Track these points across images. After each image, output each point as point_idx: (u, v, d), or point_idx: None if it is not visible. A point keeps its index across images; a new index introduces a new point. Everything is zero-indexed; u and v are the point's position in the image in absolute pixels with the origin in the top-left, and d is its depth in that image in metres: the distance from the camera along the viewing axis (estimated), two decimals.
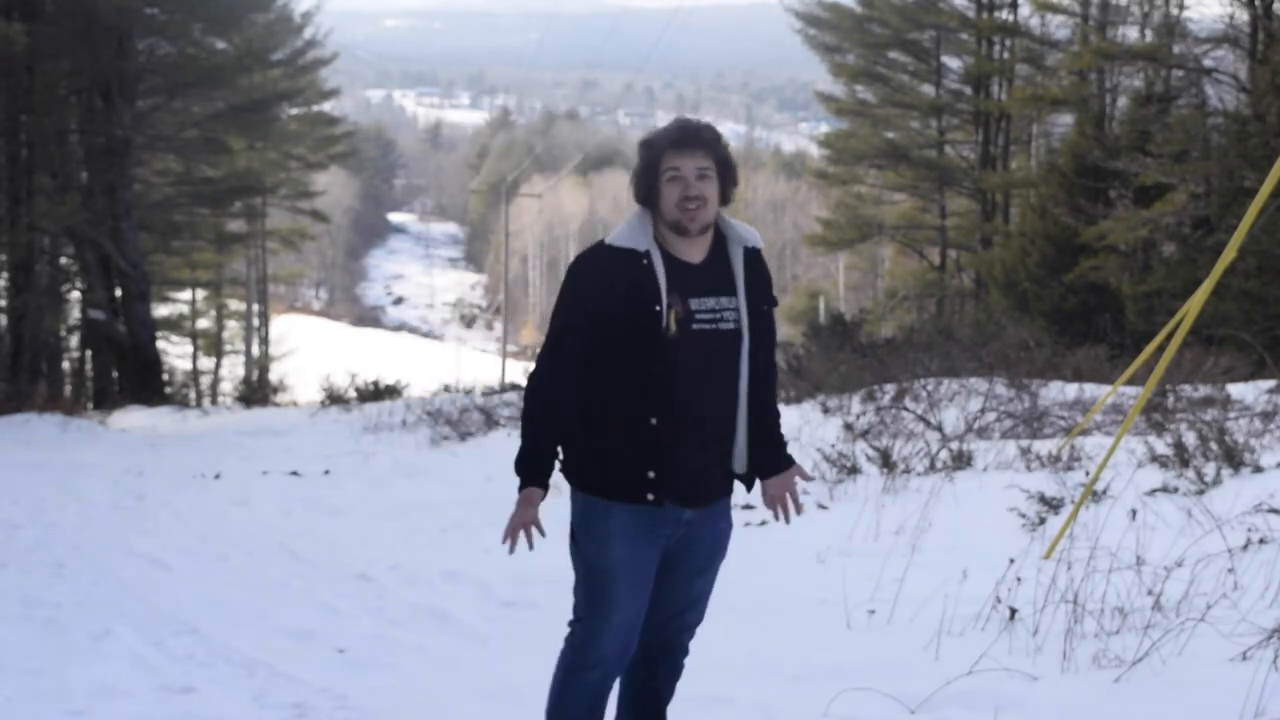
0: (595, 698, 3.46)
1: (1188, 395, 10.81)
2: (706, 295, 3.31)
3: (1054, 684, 4.13)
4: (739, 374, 3.34)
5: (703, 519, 3.43)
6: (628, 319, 3.25)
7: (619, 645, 3.40)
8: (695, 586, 3.52)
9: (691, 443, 3.32)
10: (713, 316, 3.31)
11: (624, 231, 3.33)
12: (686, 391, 3.28)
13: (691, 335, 3.27)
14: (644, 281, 3.26)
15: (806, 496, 7.83)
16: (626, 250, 3.30)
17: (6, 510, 9.31)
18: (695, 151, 3.30)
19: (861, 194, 38.55)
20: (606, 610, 3.36)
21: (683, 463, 3.32)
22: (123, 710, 4.65)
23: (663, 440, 3.29)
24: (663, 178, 3.30)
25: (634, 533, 3.33)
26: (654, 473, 3.30)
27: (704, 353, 3.29)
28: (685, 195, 3.27)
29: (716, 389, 3.33)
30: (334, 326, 79.25)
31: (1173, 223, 23.15)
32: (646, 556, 3.36)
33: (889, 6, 34.69)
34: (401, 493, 10.07)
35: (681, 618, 3.55)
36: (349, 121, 53.85)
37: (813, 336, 23.52)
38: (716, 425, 3.36)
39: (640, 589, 3.38)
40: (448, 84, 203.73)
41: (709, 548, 3.49)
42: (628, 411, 3.29)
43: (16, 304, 22.07)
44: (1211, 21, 26.64)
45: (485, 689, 4.81)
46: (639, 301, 3.25)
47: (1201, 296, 5.68)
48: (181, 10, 26.57)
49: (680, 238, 3.33)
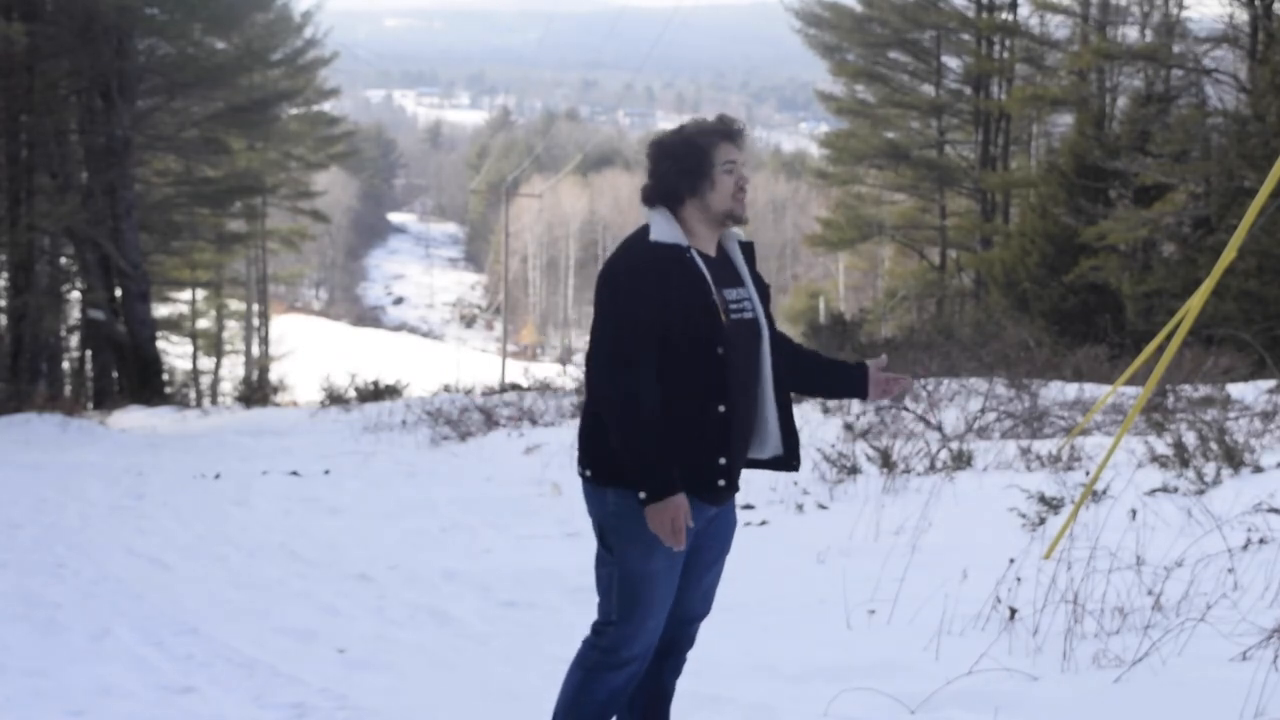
0: (613, 698, 3.45)
1: (1188, 395, 10.81)
2: (728, 286, 3.44)
3: (1054, 684, 4.13)
4: (764, 359, 3.46)
5: (721, 512, 3.50)
6: (687, 311, 3.30)
7: (649, 646, 3.44)
8: (706, 580, 3.59)
9: (746, 429, 3.42)
10: (739, 306, 3.43)
11: (663, 228, 3.38)
12: (739, 378, 3.38)
13: (733, 323, 3.38)
14: (694, 274, 3.35)
15: (807, 497, 7.84)
16: (671, 245, 3.36)
17: (6, 510, 9.31)
18: (742, 146, 3.46)
19: (861, 194, 38.57)
20: (644, 614, 3.37)
21: (741, 450, 3.43)
22: (123, 710, 4.65)
23: (730, 427, 3.36)
24: (718, 169, 3.40)
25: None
26: (724, 459, 3.35)
27: (744, 341, 3.41)
28: (739, 186, 3.42)
29: (752, 376, 3.43)
30: (334, 326, 79.26)
31: (1173, 223, 23.16)
32: (679, 556, 3.40)
33: (889, 6, 34.70)
34: (401, 493, 10.06)
35: (693, 611, 3.60)
36: (349, 121, 53.94)
37: (813, 336, 23.54)
38: (755, 413, 3.46)
39: (674, 589, 3.44)
40: (448, 84, 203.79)
41: (721, 541, 3.56)
42: (696, 401, 3.32)
43: (16, 304, 22.07)
44: (1211, 21, 26.66)
45: (485, 689, 4.81)
46: (696, 294, 3.32)
47: (1201, 296, 5.68)
48: (181, 10, 26.56)
49: (704, 231, 3.43)
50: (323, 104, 43.64)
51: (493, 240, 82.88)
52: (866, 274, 51.17)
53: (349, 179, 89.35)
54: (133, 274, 24.90)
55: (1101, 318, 20.70)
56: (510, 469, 10.73)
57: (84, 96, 24.81)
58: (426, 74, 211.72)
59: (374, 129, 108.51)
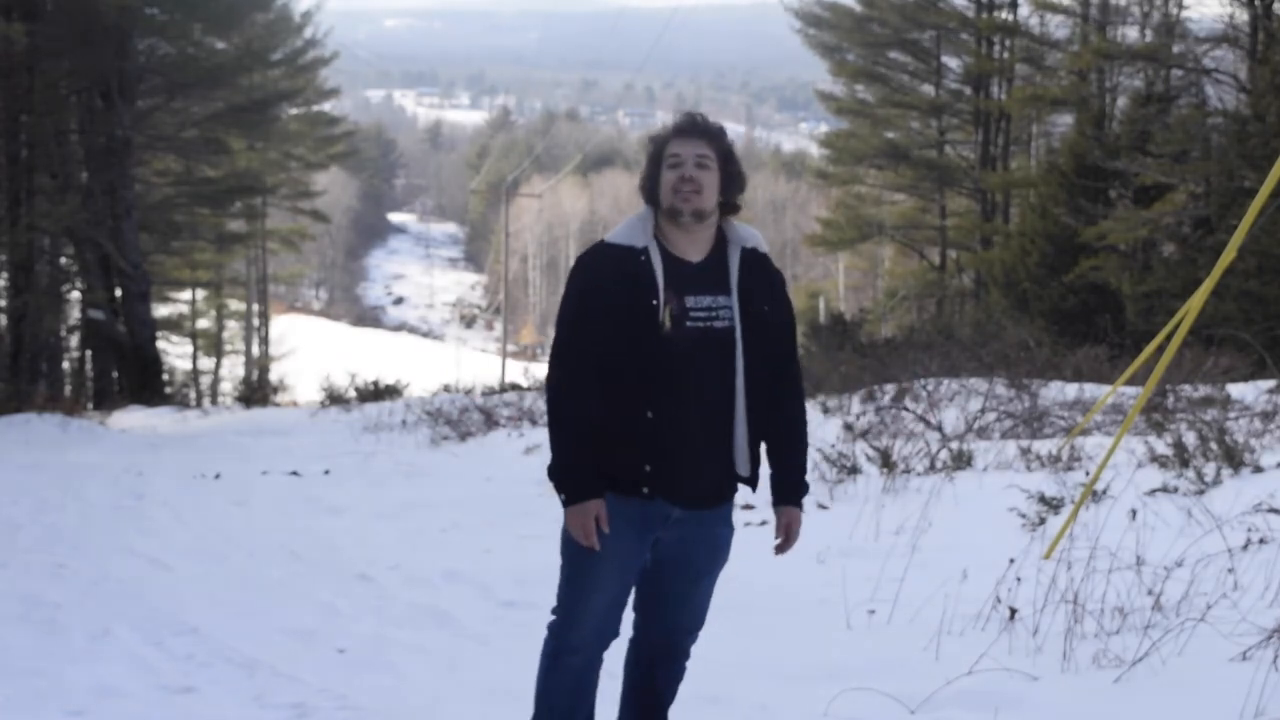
0: (578, 684, 3.48)
1: (1188, 395, 10.80)
2: (703, 293, 3.33)
3: (1054, 684, 4.13)
4: (734, 372, 3.34)
5: (697, 521, 3.42)
6: (625, 313, 3.28)
7: (598, 629, 3.43)
8: (695, 591, 3.53)
9: (687, 439, 3.33)
10: (707, 314, 3.33)
11: (623, 229, 3.38)
12: (682, 387, 3.30)
13: (686, 331, 3.29)
14: (641, 277, 3.30)
15: (807, 496, 7.83)
16: (624, 247, 3.34)
17: (6, 510, 9.30)
18: (697, 140, 3.36)
19: (861, 194, 38.57)
20: (587, 592, 3.39)
21: (679, 459, 3.33)
22: (123, 710, 4.65)
23: (659, 434, 3.30)
24: (665, 164, 3.35)
25: (619, 520, 3.33)
26: (650, 466, 3.31)
27: (699, 349, 3.31)
28: (681, 178, 3.31)
29: (713, 387, 3.34)
30: (334, 326, 79.21)
31: (1173, 223, 23.16)
32: (633, 546, 3.37)
33: (889, 6, 34.69)
34: (401, 493, 10.07)
35: (681, 622, 3.56)
36: (349, 121, 53.96)
37: (813, 336, 23.55)
38: (714, 424, 3.35)
39: (622, 575, 3.39)
40: (448, 84, 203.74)
41: (709, 552, 3.49)
42: (625, 405, 3.29)
43: (16, 304, 22.05)
44: (1211, 21, 26.64)
45: (485, 689, 4.81)
46: (636, 296, 3.28)
47: (1201, 296, 5.68)
48: (181, 10, 26.58)
49: (680, 233, 3.36)
50: (323, 104, 43.67)
51: (493, 240, 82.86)
52: (866, 274, 51.18)
53: (349, 179, 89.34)
54: (133, 274, 24.90)
55: (1101, 318, 20.69)
56: (510, 469, 10.74)
57: (84, 96, 24.81)
58: (426, 74, 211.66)
59: (374, 129, 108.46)
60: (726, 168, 3.38)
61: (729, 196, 3.40)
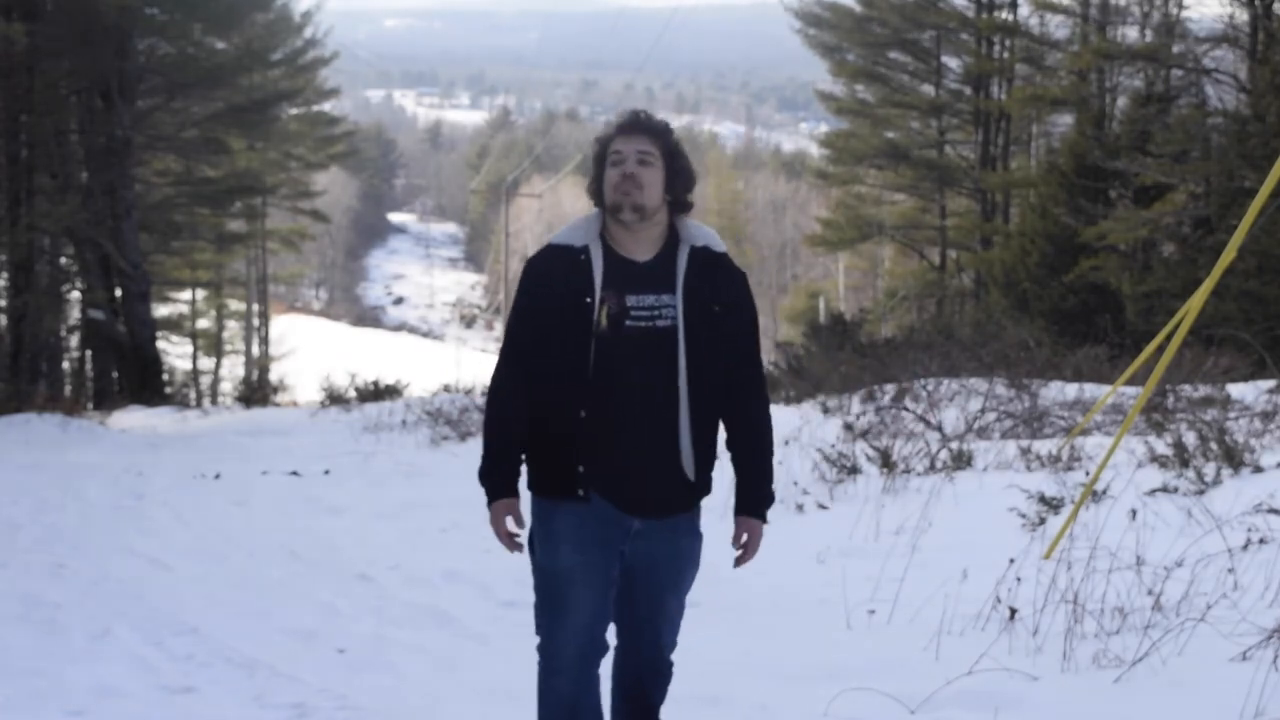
0: (570, 704, 3.40)
1: (1188, 395, 10.80)
2: (646, 292, 3.26)
3: (1054, 684, 4.13)
4: (678, 373, 3.25)
5: (659, 532, 3.32)
6: (560, 313, 3.25)
7: (580, 649, 3.34)
8: (664, 605, 3.42)
9: (626, 440, 3.25)
10: (650, 314, 3.25)
11: (567, 230, 3.35)
12: (620, 387, 3.23)
13: (626, 331, 3.23)
14: (579, 276, 3.26)
15: (807, 497, 7.84)
16: (565, 247, 3.32)
17: (6, 510, 9.30)
18: (639, 136, 3.31)
19: (861, 194, 38.58)
20: (562, 613, 3.32)
21: (618, 461, 3.26)
22: (123, 710, 4.65)
23: (593, 434, 3.24)
24: (608, 163, 3.31)
25: (580, 535, 3.27)
26: (584, 467, 3.25)
27: (641, 349, 3.24)
28: (622, 174, 3.26)
29: (655, 388, 3.25)
30: (334, 326, 79.17)
31: (1173, 223, 23.16)
32: (598, 561, 3.29)
33: (889, 6, 34.69)
34: (401, 493, 10.07)
35: (654, 637, 3.45)
36: (349, 121, 53.93)
37: (813, 336, 23.56)
38: (658, 425, 3.26)
39: (595, 591, 3.30)
40: (448, 84, 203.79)
41: (674, 564, 3.39)
42: (560, 405, 3.25)
43: (16, 304, 22.04)
44: (1211, 21, 26.63)
45: (485, 689, 4.82)
46: (572, 296, 3.25)
47: (1201, 296, 5.68)
48: (181, 10, 26.57)
49: (626, 232, 3.31)
50: (323, 104, 43.64)
51: (493, 240, 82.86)
52: (866, 274, 51.17)
53: (349, 179, 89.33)
54: (133, 274, 24.90)
55: (1101, 318, 20.70)
56: None
57: (84, 96, 24.79)
58: (426, 74, 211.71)
59: (374, 129, 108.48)
60: (671, 164, 3.31)
61: (676, 194, 3.33)
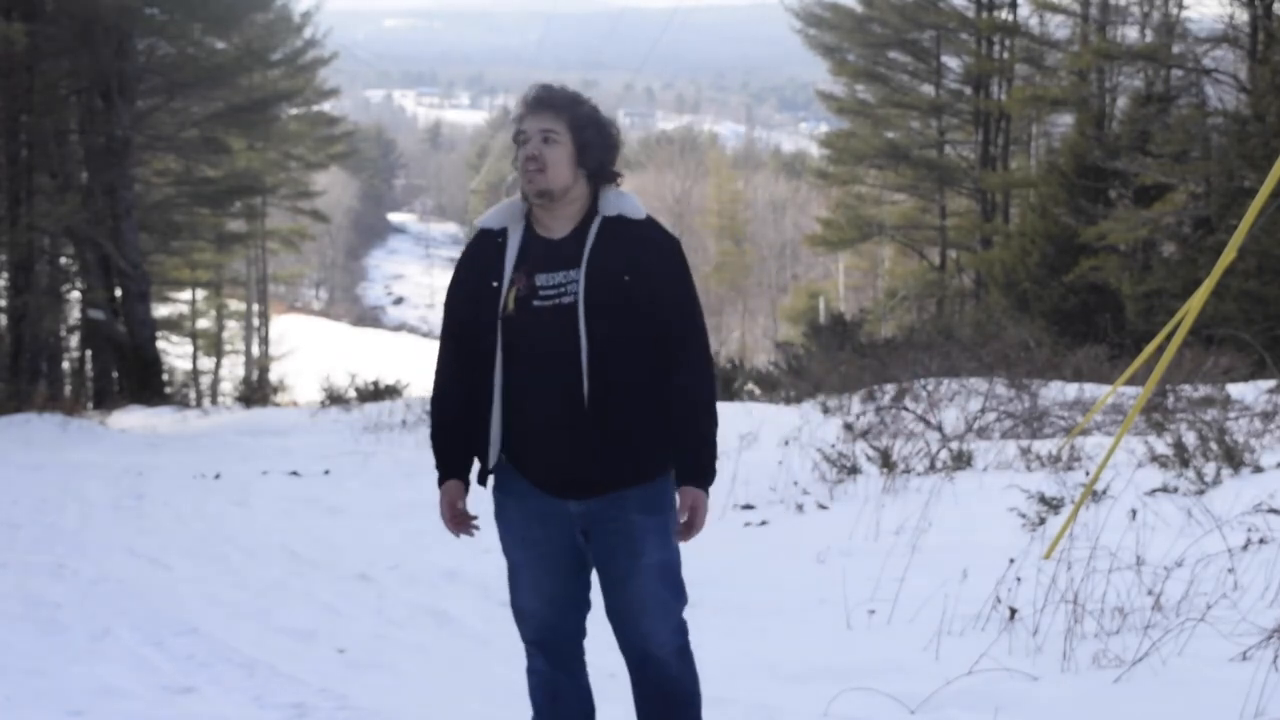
0: (548, 689, 3.44)
1: (1188, 395, 10.81)
2: (555, 270, 3.17)
3: (1054, 684, 4.13)
4: (578, 352, 3.12)
5: (607, 512, 3.22)
6: (473, 298, 3.24)
7: (539, 633, 3.40)
8: (633, 590, 3.26)
9: (539, 422, 3.19)
10: (557, 291, 3.15)
11: (492, 212, 3.31)
12: (529, 369, 3.17)
13: (532, 311, 3.16)
14: (492, 259, 3.24)
15: (807, 497, 7.83)
16: (485, 230, 3.30)
17: (6, 510, 9.30)
18: (542, 114, 3.20)
19: (861, 194, 38.60)
20: (516, 597, 3.40)
21: (532, 443, 3.21)
22: (123, 710, 4.65)
23: (507, 418, 3.22)
24: (518, 144, 3.23)
25: (524, 521, 3.29)
26: (505, 454, 3.27)
27: (547, 329, 3.15)
28: (526, 156, 3.17)
29: (564, 367, 3.14)
30: (334, 326, 79.21)
31: (1173, 223, 23.18)
32: (545, 548, 3.28)
33: (889, 6, 34.71)
34: (401, 493, 10.06)
35: (637, 624, 3.31)
36: (349, 121, 53.87)
37: (813, 336, 23.57)
38: (565, 405, 3.15)
39: (545, 575, 3.31)
40: (448, 84, 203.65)
41: (629, 546, 3.23)
42: (478, 388, 3.24)
43: (16, 304, 22.05)
44: (1211, 21, 26.65)
45: (485, 689, 4.81)
46: (481, 279, 3.23)
47: (1201, 296, 5.68)
48: (181, 10, 26.56)
49: (543, 212, 3.24)
50: (322, 104, 43.61)
51: None
52: (866, 274, 51.17)
53: (349, 179, 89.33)
54: (133, 274, 24.90)
55: (1101, 318, 20.72)
56: None
57: (84, 96, 24.80)
58: (426, 74, 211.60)
59: (374, 129, 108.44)
60: (580, 137, 3.19)
61: (591, 167, 3.21)
